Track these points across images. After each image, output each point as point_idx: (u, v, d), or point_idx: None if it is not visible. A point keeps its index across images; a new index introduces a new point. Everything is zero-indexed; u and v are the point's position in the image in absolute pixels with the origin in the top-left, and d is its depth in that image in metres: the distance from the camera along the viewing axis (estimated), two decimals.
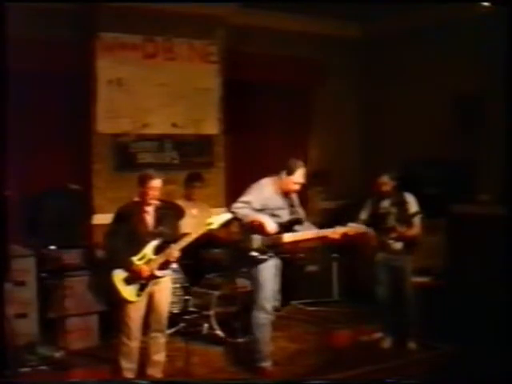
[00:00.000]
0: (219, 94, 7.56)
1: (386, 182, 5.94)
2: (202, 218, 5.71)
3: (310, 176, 5.86)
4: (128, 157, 7.06)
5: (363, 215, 6.10)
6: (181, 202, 6.45)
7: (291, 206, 5.34)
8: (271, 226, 5.10)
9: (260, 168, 6.32)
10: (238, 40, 7.65)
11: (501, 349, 4.65)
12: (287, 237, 5.22)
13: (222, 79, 7.57)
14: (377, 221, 5.96)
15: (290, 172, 5.22)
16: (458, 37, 7.40)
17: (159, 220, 4.98)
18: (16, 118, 5.03)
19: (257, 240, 5.17)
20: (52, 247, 5.92)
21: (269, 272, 5.25)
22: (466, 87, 7.43)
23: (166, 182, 5.20)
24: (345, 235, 5.29)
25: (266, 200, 5.19)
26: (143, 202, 4.96)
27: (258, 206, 5.16)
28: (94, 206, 6.84)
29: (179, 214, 5.91)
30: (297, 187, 5.29)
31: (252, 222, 5.10)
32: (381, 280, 6.03)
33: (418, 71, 8.03)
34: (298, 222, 5.30)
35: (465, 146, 7.45)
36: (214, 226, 4.95)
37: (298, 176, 5.25)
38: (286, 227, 5.23)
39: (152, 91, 7.17)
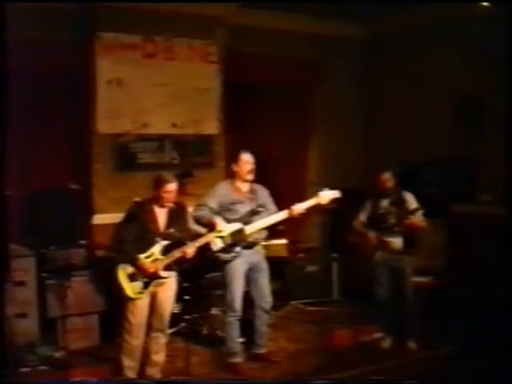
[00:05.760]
0: (219, 94, 7.56)
1: (389, 179, 5.94)
2: None
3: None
4: (128, 157, 7.06)
5: (362, 216, 6.10)
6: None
7: (251, 199, 5.45)
8: (221, 226, 5.23)
9: (260, 168, 6.30)
10: (238, 40, 7.65)
11: (501, 348, 4.65)
12: (248, 229, 5.34)
13: (222, 79, 7.57)
14: (377, 220, 5.96)
15: (238, 159, 5.43)
16: (458, 37, 7.41)
17: (171, 221, 5.00)
18: (16, 117, 5.03)
19: (216, 242, 5.29)
20: (52, 247, 5.92)
21: (235, 271, 5.33)
22: (466, 87, 7.43)
23: None
24: (316, 207, 5.44)
25: (220, 197, 5.37)
26: (157, 204, 4.97)
27: (214, 206, 5.35)
28: (94, 205, 6.84)
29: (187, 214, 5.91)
30: (250, 166, 5.43)
31: (207, 223, 5.27)
32: (381, 280, 6.02)
33: (418, 71, 8.03)
34: (256, 212, 5.40)
35: (465, 145, 7.45)
36: (224, 234, 5.11)
37: (246, 157, 5.44)
38: (245, 221, 5.35)
39: (152, 91, 7.17)
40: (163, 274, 4.94)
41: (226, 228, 5.04)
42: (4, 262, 4.85)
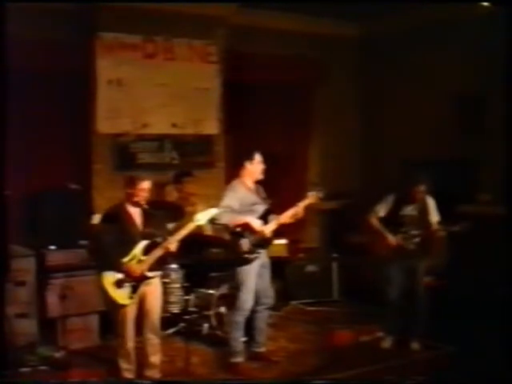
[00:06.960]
0: (219, 94, 7.56)
1: (423, 191, 5.88)
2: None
3: None
4: (128, 157, 7.07)
5: (381, 211, 5.92)
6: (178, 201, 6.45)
7: (262, 198, 5.49)
8: (256, 222, 5.29)
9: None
10: (238, 40, 7.65)
11: (501, 348, 4.65)
12: (267, 228, 5.37)
13: (222, 79, 7.57)
14: (396, 223, 5.87)
15: (251, 158, 5.42)
16: (458, 37, 7.40)
17: (148, 221, 4.95)
18: (16, 117, 5.03)
19: (245, 242, 5.29)
20: (52, 247, 5.92)
21: (251, 271, 5.32)
22: (466, 87, 7.43)
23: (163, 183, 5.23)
24: (308, 206, 5.50)
25: (241, 199, 5.34)
26: (132, 204, 4.93)
27: (237, 207, 5.30)
28: (94, 205, 6.83)
29: (177, 214, 5.89)
30: (261, 166, 5.45)
31: (237, 225, 5.25)
32: (393, 280, 5.95)
33: (418, 71, 8.03)
34: (270, 211, 5.45)
35: (465, 145, 7.45)
36: (202, 222, 4.97)
37: (258, 157, 5.45)
38: (264, 221, 5.38)
39: (152, 91, 7.17)
40: (149, 274, 4.89)
41: (202, 216, 4.93)
42: (4, 262, 4.85)
